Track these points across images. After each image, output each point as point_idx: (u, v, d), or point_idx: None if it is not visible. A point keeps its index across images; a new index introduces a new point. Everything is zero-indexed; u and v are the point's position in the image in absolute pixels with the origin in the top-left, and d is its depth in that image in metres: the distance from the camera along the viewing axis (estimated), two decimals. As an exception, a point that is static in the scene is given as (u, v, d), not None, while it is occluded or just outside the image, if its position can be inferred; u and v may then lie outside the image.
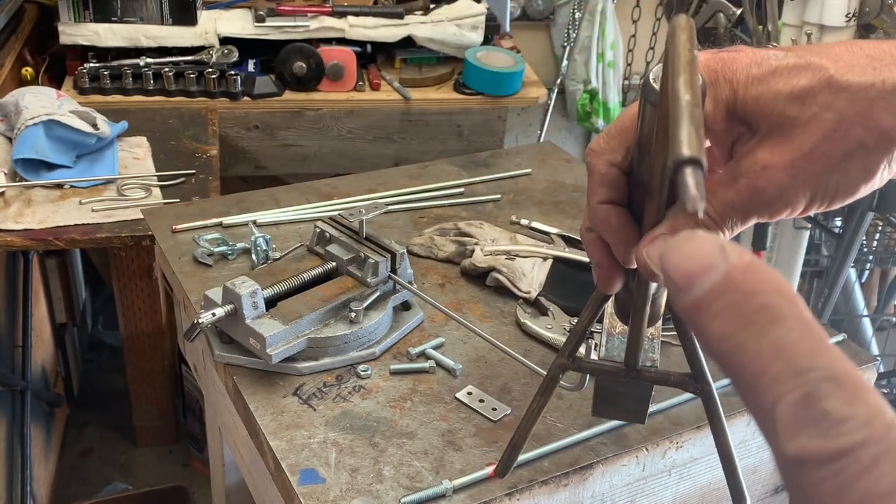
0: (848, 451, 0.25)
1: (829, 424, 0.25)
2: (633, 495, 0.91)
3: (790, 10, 1.99)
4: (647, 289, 0.51)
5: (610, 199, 0.51)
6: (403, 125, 2.28)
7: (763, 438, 0.28)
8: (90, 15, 2.14)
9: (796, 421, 0.26)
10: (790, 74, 0.49)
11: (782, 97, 0.49)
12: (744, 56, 0.51)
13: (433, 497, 0.80)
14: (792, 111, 0.48)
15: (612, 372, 0.58)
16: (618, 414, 0.65)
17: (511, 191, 1.37)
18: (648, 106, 0.47)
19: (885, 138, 0.48)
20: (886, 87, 0.47)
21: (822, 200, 0.50)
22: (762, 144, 0.49)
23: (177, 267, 1.13)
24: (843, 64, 0.48)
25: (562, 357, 0.59)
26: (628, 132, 0.52)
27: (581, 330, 0.58)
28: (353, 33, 2.26)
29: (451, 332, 1.04)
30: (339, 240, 1.05)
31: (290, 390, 0.93)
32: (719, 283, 0.28)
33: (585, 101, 3.20)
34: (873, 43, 0.50)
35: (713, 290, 0.28)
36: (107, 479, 2.26)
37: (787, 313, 0.27)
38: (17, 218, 1.57)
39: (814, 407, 0.26)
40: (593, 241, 0.52)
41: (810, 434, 0.25)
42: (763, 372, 0.27)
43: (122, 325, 2.10)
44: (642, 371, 0.57)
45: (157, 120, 2.04)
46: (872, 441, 0.25)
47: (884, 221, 2.17)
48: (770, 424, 0.27)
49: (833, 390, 0.26)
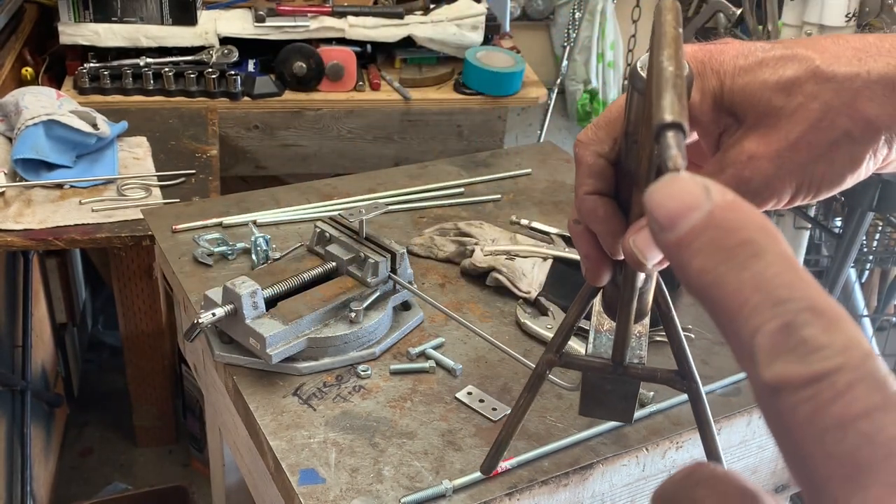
0: (823, 376, 0.25)
1: (807, 351, 0.26)
2: (633, 495, 0.91)
3: (790, 10, 1.99)
4: (633, 282, 0.51)
5: (597, 189, 0.51)
6: (403, 125, 2.28)
7: (741, 368, 0.28)
8: (90, 15, 2.14)
9: (774, 348, 0.26)
10: (777, 65, 0.49)
11: (769, 87, 0.49)
12: (731, 48, 0.51)
13: (433, 497, 0.80)
14: (778, 101, 0.49)
15: (600, 368, 0.58)
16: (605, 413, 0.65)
17: (511, 191, 1.37)
18: (636, 94, 0.47)
19: (870, 128, 0.48)
20: (871, 77, 0.48)
21: (808, 191, 0.50)
22: (748, 135, 0.50)
23: (177, 267, 1.13)
24: (829, 55, 0.49)
25: (549, 353, 0.59)
26: (616, 123, 0.52)
27: (568, 326, 0.58)
28: (353, 33, 2.26)
29: (451, 332, 1.04)
30: (339, 240, 1.05)
31: (290, 390, 0.93)
32: (702, 221, 0.28)
33: (585, 101, 3.20)
34: (858, 36, 0.50)
35: (696, 228, 0.28)
36: (107, 479, 2.26)
37: (769, 248, 0.27)
38: (17, 218, 1.57)
39: (792, 335, 0.26)
40: (581, 232, 0.53)
41: (788, 360, 0.26)
42: (743, 303, 0.27)
43: (122, 325, 2.10)
44: (629, 368, 0.57)
45: (157, 120, 2.04)
46: (848, 367, 0.25)
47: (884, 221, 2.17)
48: (748, 354, 0.27)
49: (812, 320, 0.26)
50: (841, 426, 0.25)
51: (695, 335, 1.04)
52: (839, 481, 0.25)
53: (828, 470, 0.25)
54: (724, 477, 0.28)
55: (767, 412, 0.27)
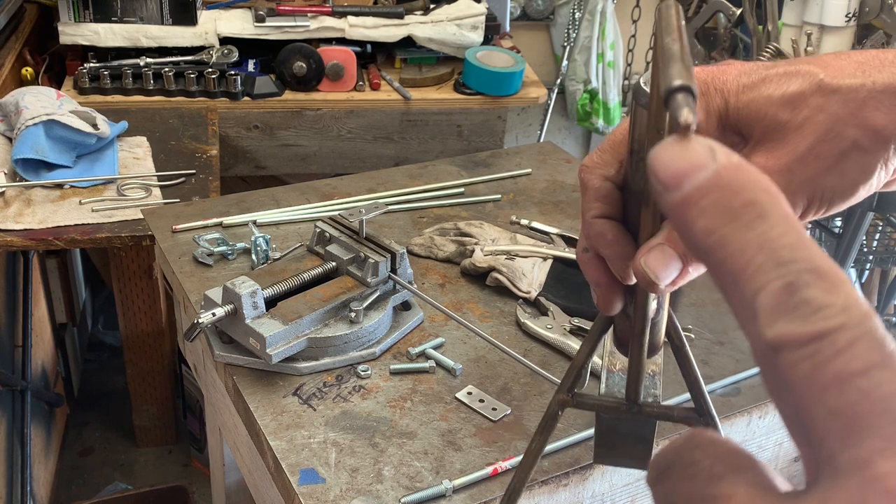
0: (824, 334, 0.26)
1: (809, 311, 0.26)
2: (633, 495, 0.91)
3: (790, 10, 1.99)
4: (646, 309, 0.50)
5: (605, 213, 0.51)
6: (403, 125, 2.28)
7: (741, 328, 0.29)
8: (90, 15, 2.14)
9: (776, 308, 0.27)
10: (781, 81, 0.49)
11: (774, 102, 0.49)
12: (733, 68, 0.51)
13: (433, 497, 0.80)
14: (784, 115, 0.49)
15: (613, 407, 0.55)
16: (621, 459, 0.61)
17: (511, 191, 1.37)
18: (640, 109, 0.46)
19: (878, 137, 0.48)
20: (877, 87, 0.48)
21: (821, 204, 0.50)
22: (756, 150, 0.50)
23: (177, 267, 1.13)
24: (833, 69, 0.49)
25: (561, 393, 0.56)
26: (621, 146, 0.51)
27: (580, 364, 0.55)
28: (353, 33, 2.26)
29: (451, 332, 1.04)
30: (339, 240, 1.05)
31: (290, 390, 0.93)
32: (708, 181, 0.29)
33: (585, 101, 3.20)
34: (859, 51, 0.51)
35: (701, 188, 0.29)
36: (107, 479, 2.26)
37: (773, 210, 0.28)
38: (17, 218, 1.57)
39: (794, 295, 0.27)
40: (590, 260, 0.52)
41: (790, 319, 0.26)
42: (747, 263, 0.27)
43: (122, 325, 2.10)
44: (644, 406, 0.55)
45: (157, 120, 2.04)
46: (849, 326, 0.26)
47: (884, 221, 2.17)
48: (750, 314, 0.28)
49: (814, 280, 0.27)
50: (840, 383, 0.25)
51: (695, 335, 1.04)
52: (837, 436, 0.25)
53: (826, 425, 0.26)
54: (721, 441, 0.29)
55: (767, 371, 0.28)
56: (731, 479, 0.27)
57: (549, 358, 1.00)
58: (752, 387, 0.97)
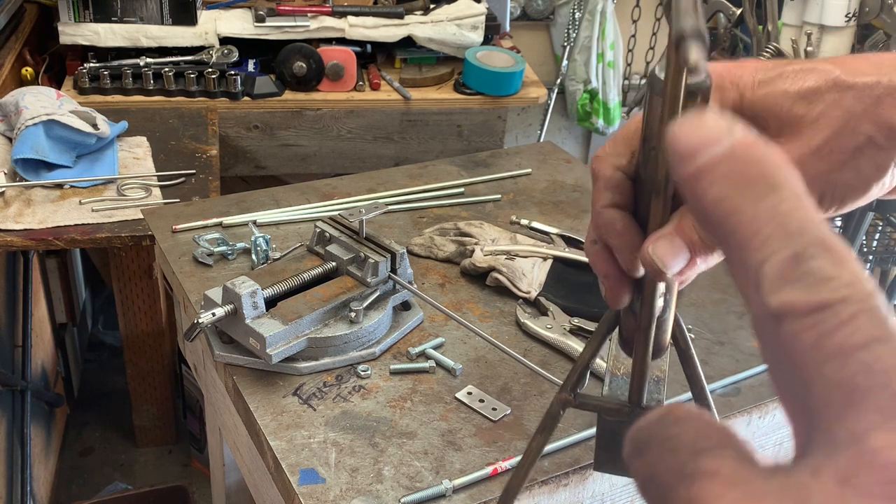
0: (828, 305, 0.26)
1: (814, 281, 0.26)
2: (633, 495, 0.91)
3: (790, 10, 1.99)
4: (652, 303, 0.50)
5: (615, 203, 0.51)
6: (403, 125, 2.28)
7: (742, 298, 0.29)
8: (90, 15, 2.14)
9: (782, 276, 0.27)
10: (797, 76, 0.50)
11: (790, 96, 0.49)
12: (749, 64, 0.52)
13: (433, 497, 0.80)
14: (800, 110, 0.49)
15: (616, 409, 0.55)
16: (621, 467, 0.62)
17: (511, 191, 1.37)
18: (654, 98, 0.46)
19: (893, 134, 0.48)
20: (893, 84, 0.48)
21: (833, 201, 0.50)
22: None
23: (177, 267, 1.13)
24: (849, 67, 0.50)
25: (563, 392, 0.55)
26: (634, 137, 0.51)
27: (583, 364, 0.55)
28: (353, 33, 2.26)
29: (451, 332, 1.04)
30: (339, 240, 1.05)
31: (290, 390, 0.93)
32: (723, 153, 0.29)
33: (585, 100, 3.20)
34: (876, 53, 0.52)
35: (716, 159, 0.29)
36: (107, 479, 2.26)
37: (786, 185, 0.28)
38: (17, 218, 1.58)
39: (801, 265, 0.27)
40: (598, 252, 0.52)
41: (794, 288, 0.27)
42: (756, 232, 0.28)
43: (122, 325, 2.10)
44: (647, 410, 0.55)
45: (157, 120, 2.04)
46: (853, 299, 0.26)
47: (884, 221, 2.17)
48: (754, 282, 0.28)
49: (821, 253, 0.27)
50: (842, 354, 0.25)
51: (695, 335, 1.04)
52: (836, 407, 0.25)
53: (826, 396, 0.26)
54: (700, 416, 0.29)
55: (767, 340, 0.28)
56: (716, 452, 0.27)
57: (549, 358, 1.00)
58: (752, 387, 0.97)
